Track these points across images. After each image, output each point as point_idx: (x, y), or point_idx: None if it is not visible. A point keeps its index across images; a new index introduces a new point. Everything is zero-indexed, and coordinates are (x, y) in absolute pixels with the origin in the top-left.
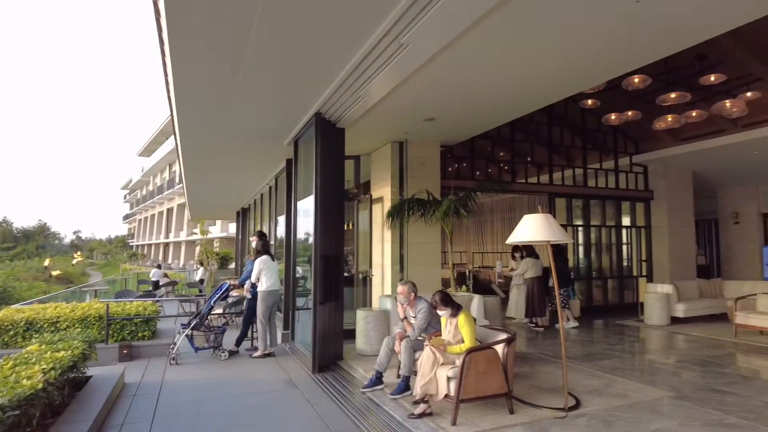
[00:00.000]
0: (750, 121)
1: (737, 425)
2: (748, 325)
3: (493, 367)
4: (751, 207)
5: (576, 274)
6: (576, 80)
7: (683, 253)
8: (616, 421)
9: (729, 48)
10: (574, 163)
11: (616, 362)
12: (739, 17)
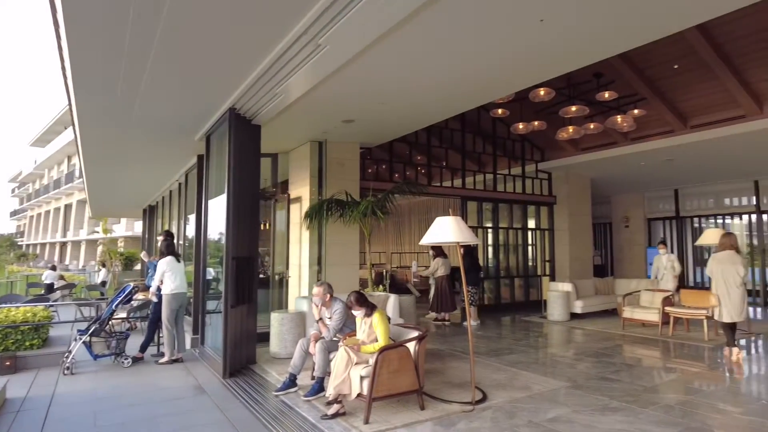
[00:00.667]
0: (637, 135)
1: (619, 408)
2: (633, 318)
3: (405, 365)
4: (639, 212)
5: (485, 273)
6: (487, 90)
7: (582, 253)
8: (519, 411)
9: (620, 69)
10: (485, 168)
11: (520, 356)
12: (627, 42)
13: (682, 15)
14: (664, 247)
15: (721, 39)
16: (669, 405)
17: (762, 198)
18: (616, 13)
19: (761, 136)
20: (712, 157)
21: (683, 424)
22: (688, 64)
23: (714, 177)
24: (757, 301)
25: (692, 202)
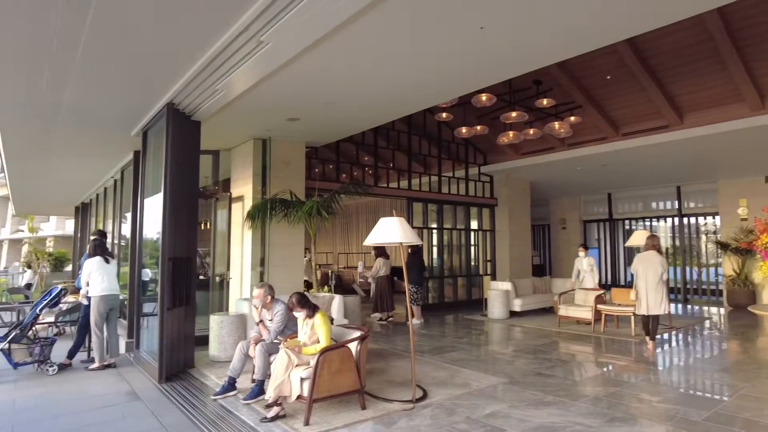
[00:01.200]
0: (574, 141)
1: (552, 402)
2: (568, 316)
3: (346, 365)
4: (575, 215)
5: (430, 273)
6: (431, 94)
7: (521, 254)
8: (457, 408)
9: (558, 77)
10: (430, 170)
11: (462, 354)
12: (564, 52)
13: (613, 29)
14: (584, 250)
15: (648, 54)
16: (597, 397)
17: (683, 202)
18: (552, 24)
19: (681, 145)
20: (640, 163)
21: (609, 415)
22: (619, 76)
23: (643, 182)
24: (678, 297)
25: (624, 206)
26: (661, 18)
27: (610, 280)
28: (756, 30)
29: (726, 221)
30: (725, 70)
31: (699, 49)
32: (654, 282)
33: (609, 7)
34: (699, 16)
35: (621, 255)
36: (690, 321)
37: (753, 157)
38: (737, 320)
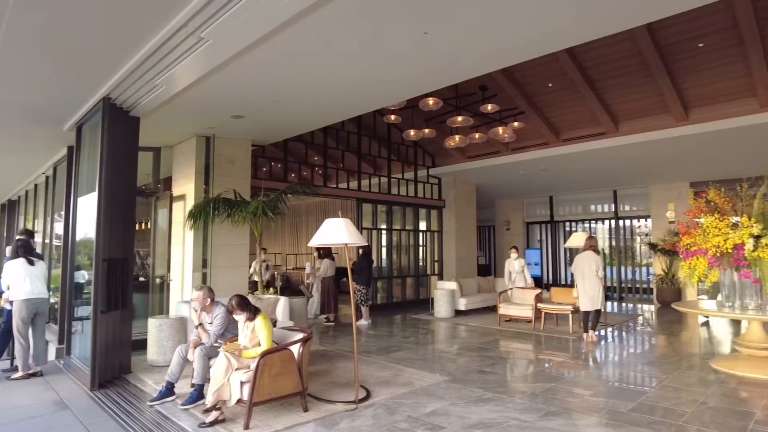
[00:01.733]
0: (517, 146)
1: (491, 399)
2: (507, 314)
3: (287, 368)
4: (518, 216)
5: (379, 273)
6: (378, 96)
7: (467, 254)
8: (399, 407)
9: (503, 83)
10: (380, 171)
11: (407, 353)
12: (507, 58)
13: (554, 39)
14: (516, 251)
15: (587, 64)
16: (534, 393)
17: (619, 205)
18: (495, 31)
19: (617, 152)
20: (579, 167)
21: (544, 409)
22: (560, 84)
23: (582, 186)
24: (614, 296)
25: (564, 208)
26: (597, 31)
27: (551, 280)
28: (682, 47)
29: (656, 224)
30: (654, 82)
31: (632, 62)
32: (591, 280)
33: (548, 17)
34: (630, 32)
35: (561, 255)
36: (623, 318)
37: (679, 164)
38: (664, 316)
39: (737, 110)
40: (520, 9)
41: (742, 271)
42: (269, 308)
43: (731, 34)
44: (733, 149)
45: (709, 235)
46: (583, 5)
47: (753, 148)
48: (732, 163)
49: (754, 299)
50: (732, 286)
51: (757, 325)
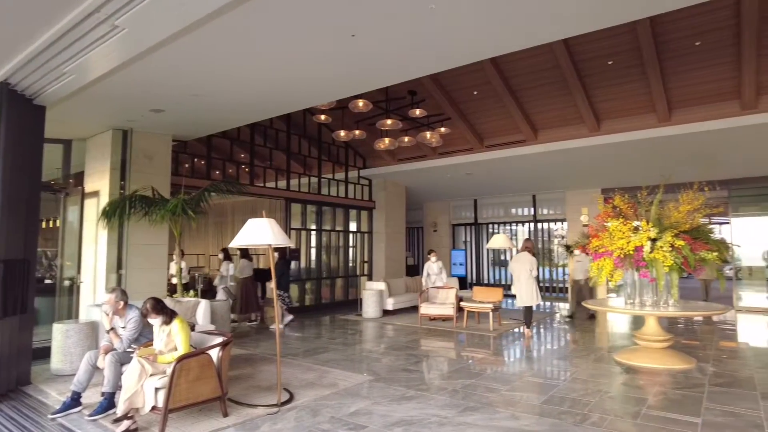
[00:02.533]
0: (444, 151)
1: (414, 396)
2: (429, 314)
3: (206, 372)
4: (445, 218)
5: (308, 274)
6: (307, 95)
7: (396, 254)
8: (323, 408)
9: (431, 89)
10: (310, 171)
11: (333, 354)
12: (433, 65)
13: (478, 48)
14: (435, 254)
15: (509, 74)
16: (455, 389)
17: (538, 209)
18: (422, 37)
19: (536, 159)
20: (502, 173)
21: (463, 405)
22: (485, 92)
23: (504, 190)
24: None
25: (488, 211)
26: (517, 42)
27: (474, 279)
28: (596, 63)
29: (572, 227)
30: (571, 94)
31: (550, 74)
32: (525, 278)
33: (472, 27)
34: (550, 46)
35: (484, 256)
36: (541, 316)
37: (592, 172)
38: (579, 314)
39: (639, 124)
40: (448, 17)
41: (641, 271)
42: (189, 311)
43: (634, 55)
44: (636, 159)
45: (614, 237)
46: (514, 16)
47: (653, 159)
48: (636, 172)
49: (651, 296)
50: (633, 284)
51: (653, 320)
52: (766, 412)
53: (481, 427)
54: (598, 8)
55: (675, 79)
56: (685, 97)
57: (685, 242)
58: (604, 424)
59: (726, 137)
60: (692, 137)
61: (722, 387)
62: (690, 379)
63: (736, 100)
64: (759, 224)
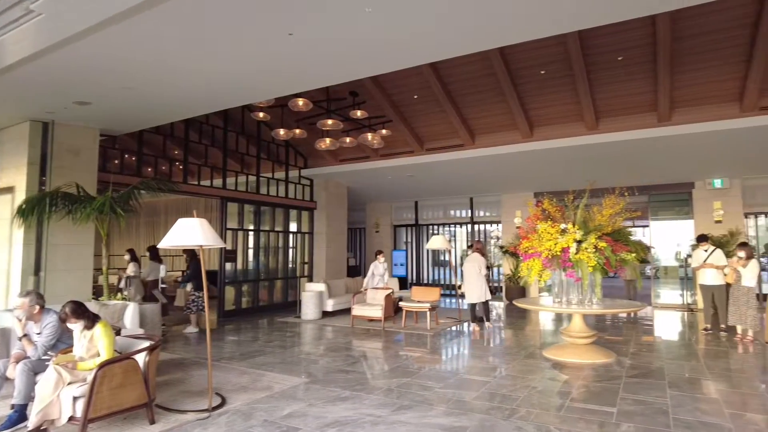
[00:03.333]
0: (386, 152)
1: (349, 397)
2: (362, 316)
3: (131, 378)
4: (387, 219)
5: (245, 276)
6: (244, 92)
7: (337, 255)
8: (256, 412)
9: (372, 91)
10: (249, 170)
11: (269, 357)
12: (372, 68)
13: (413, 54)
14: (382, 255)
15: (448, 80)
16: (390, 388)
17: (475, 211)
18: (358, 40)
19: (473, 163)
20: (441, 175)
21: (397, 404)
22: (425, 96)
23: (443, 192)
24: None
25: (428, 213)
26: (455, 49)
27: (414, 279)
28: (529, 72)
29: (506, 228)
30: (505, 102)
31: (486, 81)
32: (475, 277)
33: (408, 32)
34: (486, 53)
35: (424, 256)
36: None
37: (525, 176)
38: (511, 312)
39: (569, 132)
40: (384, 21)
41: (567, 271)
42: (115, 315)
43: (565, 66)
44: (565, 165)
45: (543, 239)
46: (450, 23)
47: (581, 165)
48: (566, 177)
49: (576, 295)
50: (560, 284)
51: (579, 318)
52: (671, 399)
53: (414, 425)
54: (534, 16)
55: (601, 91)
56: (610, 107)
57: (607, 244)
58: (531, 417)
59: (645, 146)
60: (616, 145)
61: (637, 378)
62: (610, 372)
63: (654, 113)
64: (674, 227)
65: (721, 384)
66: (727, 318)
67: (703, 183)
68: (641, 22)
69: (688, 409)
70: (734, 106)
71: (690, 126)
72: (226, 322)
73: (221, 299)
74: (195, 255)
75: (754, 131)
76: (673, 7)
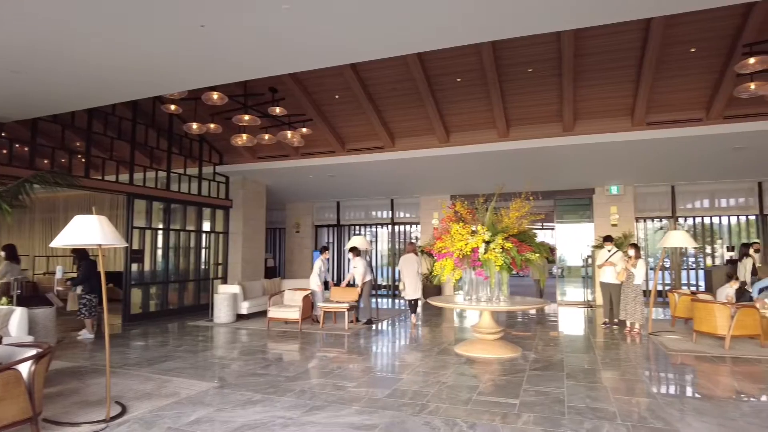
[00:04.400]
0: (306, 152)
1: (260, 400)
2: (278, 318)
3: (12, 391)
4: (308, 219)
5: (153, 278)
6: (153, 83)
7: (254, 256)
8: (160, 420)
9: (292, 88)
10: (159, 165)
11: (177, 363)
12: (290, 65)
13: (332, 53)
14: (326, 252)
15: (369, 82)
16: (303, 390)
17: (396, 213)
18: (275, 36)
19: (393, 165)
20: (363, 177)
21: (310, 405)
22: (346, 97)
23: (365, 193)
24: (388, 293)
25: (350, 213)
26: (375, 51)
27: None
28: (447, 78)
29: (424, 229)
30: (423, 107)
31: (406, 86)
32: (412, 276)
33: (326, 32)
34: (404, 58)
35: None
36: (394, 312)
37: (442, 179)
38: (428, 310)
39: (483, 138)
40: (302, 20)
41: (477, 270)
42: (0, 321)
43: (479, 75)
44: (479, 170)
45: (455, 240)
46: (370, 24)
47: (493, 170)
48: (479, 181)
49: (485, 293)
50: (471, 282)
51: (488, 314)
52: (567, 389)
53: (324, 425)
54: (451, 28)
55: (512, 100)
56: (521, 116)
57: (513, 245)
58: (439, 412)
59: (551, 154)
60: (525, 152)
61: (539, 371)
62: (515, 365)
63: (560, 123)
64: (577, 230)
65: (610, 372)
66: (620, 313)
67: (602, 189)
68: (549, 37)
69: (581, 397)
70: (627, 120)
71: (590, 136)
72: (132, 327)
73: (126, 302)
74: (86, 255)
75: (643, 144)
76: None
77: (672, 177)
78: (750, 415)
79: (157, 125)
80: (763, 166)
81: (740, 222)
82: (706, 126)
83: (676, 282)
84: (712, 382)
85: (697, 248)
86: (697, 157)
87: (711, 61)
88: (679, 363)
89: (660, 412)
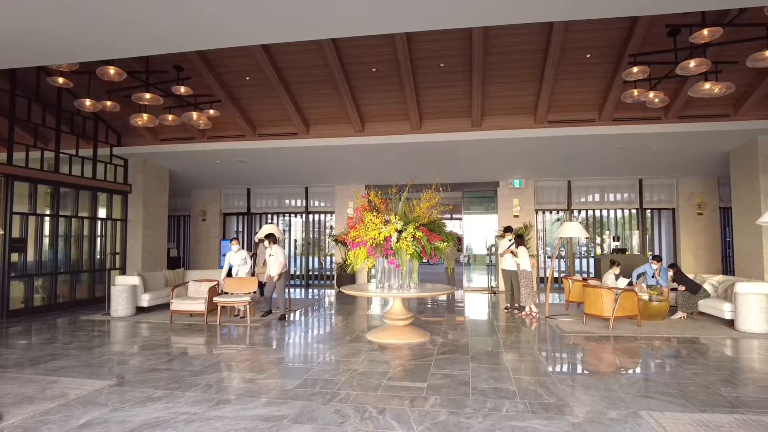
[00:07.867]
0: (214, 135)
1: (162, 396)
2: (182, 310)
3: None
4: (216, 207)
5: (39, 269)
6: (34, 52)
7: (155, 245)
8: (42, 425)
9: (199, 68)
10: (45, 144)
11: (66, 361)
12: (198, 43)
13: (243, 33)
14: (237, 243)
15: (282, 65)
16: (209, 384)
17: (310, 201)
18: (180, 9)
19: (307, 152)
20: (275, 163)
21: (216, 399)
22: (258, 79)
23: (278, 181)
24: (301, 283)
25: (261, 201)
26: (287, 35)
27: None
28: (361, 68)
29: (339, 219)
30: (339, 94)
31: (321, 72)
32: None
33: (236, 10)
34: (319, 44)
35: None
36: (308, 302)
37: (357, 169)
38: (341, 299)
39: (397, 129)
40: None
41: (389, 259)
42: None
43: (394, 66)
44: (393, 161)
45: (368, 229)
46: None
47: (405, 161)
48: (393, 172)
49: (396, 281)
50: (384, 271)
51: (399, 302)
52: (472, 372)
53: (232, 418)
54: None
55: (425, 93)
56: (433, 110)
57: (423, 234)
58: (350, 399)
59: (460, 148)
60: (436, 146)
61: (446, 354)
62: (424, 350)
63: (469, 118)
64: (483, 221)
65: (511, 354)
66: (520, 298)
67: (506, 183)
68: (461, 33)
69: (484, 378)
70: (530, 118)
71: (497, 132)
72: (12, 324)
73: (5, 296)
74: None
75: (544, 140)
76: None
77: (569, 172)
78: (627, 386)
79: (42, 99)
80: (642, 165)
81: (624, 215)
82: (598, 126)
83: (570, 269)
84: (598, 359)
85: (588, 238)
86: (590, 155)
87: (604, 67)
88: (571, 343)
89: (554, 388)
